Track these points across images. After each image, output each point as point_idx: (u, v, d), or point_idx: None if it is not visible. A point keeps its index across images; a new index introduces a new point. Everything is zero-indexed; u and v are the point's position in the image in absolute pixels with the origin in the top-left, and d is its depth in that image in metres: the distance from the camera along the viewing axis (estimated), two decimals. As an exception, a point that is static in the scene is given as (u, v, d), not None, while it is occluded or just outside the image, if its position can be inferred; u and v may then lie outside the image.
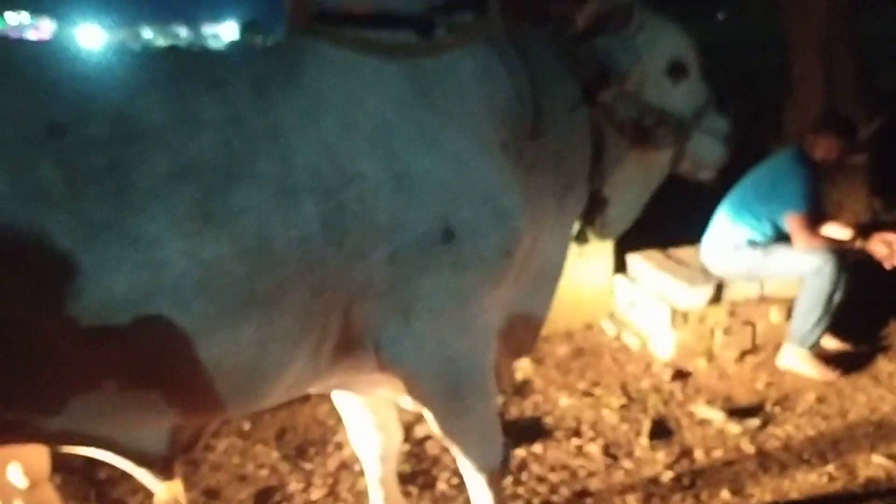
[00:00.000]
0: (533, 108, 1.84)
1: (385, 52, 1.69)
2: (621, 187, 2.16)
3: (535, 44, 1.93)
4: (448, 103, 1.72)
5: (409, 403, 1.96)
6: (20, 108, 1.34)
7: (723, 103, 2.24)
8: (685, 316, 3.83)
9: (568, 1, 1.96)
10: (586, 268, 4.22)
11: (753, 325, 3.89)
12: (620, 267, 4.38)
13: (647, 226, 4.58)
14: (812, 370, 3.58)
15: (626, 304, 4.27)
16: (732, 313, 3.87)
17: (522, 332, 2.10)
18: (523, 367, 3.79)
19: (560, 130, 1.92)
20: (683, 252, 4.23)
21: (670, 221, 4.14)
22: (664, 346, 3.86)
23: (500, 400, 3.26)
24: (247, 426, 3.24)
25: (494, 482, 1.96)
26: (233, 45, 1.95)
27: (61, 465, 2.85)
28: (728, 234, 3.79)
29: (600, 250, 4.23)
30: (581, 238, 2.20)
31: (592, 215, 2.14)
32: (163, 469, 1.71)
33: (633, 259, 4.30)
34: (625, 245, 4.29)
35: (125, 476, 2.84)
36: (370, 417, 2.23)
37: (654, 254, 4.26)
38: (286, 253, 1.50)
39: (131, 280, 1.37)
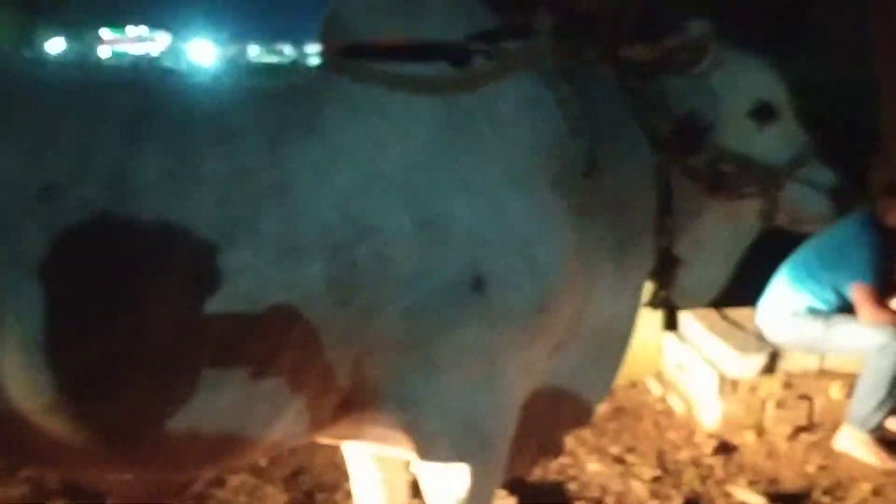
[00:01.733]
0: (587, 142, 1.68)
1: (416, 87, 1.59)
2: (701, 245, 1.93)
3: (595, 77, 1.79)
4: (484, 140, 1.60)
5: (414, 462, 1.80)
6: (13, 170, 1.31)
7: (829, 154, 1.99)
8: (734, 384, 3.57)
9: (628, 33, 1.82)
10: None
11: (811, 401, 3.59)
12: (672, 324, 4.15)
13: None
14: (870, 456, 3.27)
15: (674, 365, 4.03)
16: (788, 385, 3.59)
17: (566, 411, 1.89)
18: (557, 424, 3.61)
19: (619, 173, 1.75)
20: (741, 314, 3.97)
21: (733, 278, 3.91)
22: (709, 415, 3.61)
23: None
24: (263, 463, 3.18)
25: None
26: (257, 87, 1.88)
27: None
28: (787, 300, 3.52)
29: (650, 305, 4.01)
30: (656, 304, 1.95)
31: (665, 277, 1.90)
32: None
33: (684, 316, 4.07)
34: (678, 301, 4.08)
35: None
36: (377, 472, 2.09)
37: (709, 313, 4.02)
38: (281, 314, 1.42)
39: (111, 345, 1.34)
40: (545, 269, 1.60)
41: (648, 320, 4.08)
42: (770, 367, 3.59)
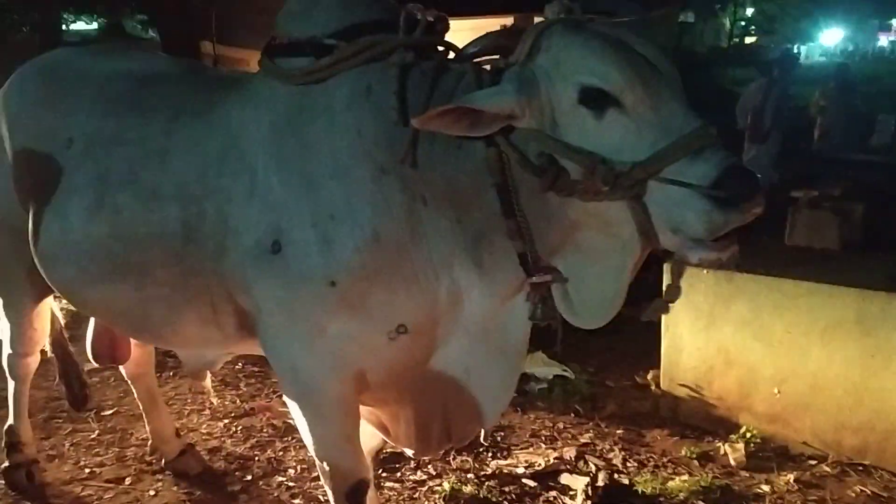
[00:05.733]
0: (410, 135, 1.75)
1: (281, 78, 1.96)
2: (583, 256, 1.75)
3: (448, 70, 1.83)
4: (313, 127, 1.89)
5: None
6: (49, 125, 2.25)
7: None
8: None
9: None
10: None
11: None
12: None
13: None
14: None
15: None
16: None
17: (463, 406, 2.02)
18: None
19: (447, 167, 1.77)
20: None
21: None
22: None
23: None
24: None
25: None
26: (200, 74, 2.40)
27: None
28: None
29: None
30: (534, 317, 1.84)
31: (537, 287, 1.79)
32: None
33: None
34: None
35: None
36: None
37: None
38: (149, 241, 2.06)
39: (48, 240, 2.22)
40: (340, 246, 1.83)
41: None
42: None
